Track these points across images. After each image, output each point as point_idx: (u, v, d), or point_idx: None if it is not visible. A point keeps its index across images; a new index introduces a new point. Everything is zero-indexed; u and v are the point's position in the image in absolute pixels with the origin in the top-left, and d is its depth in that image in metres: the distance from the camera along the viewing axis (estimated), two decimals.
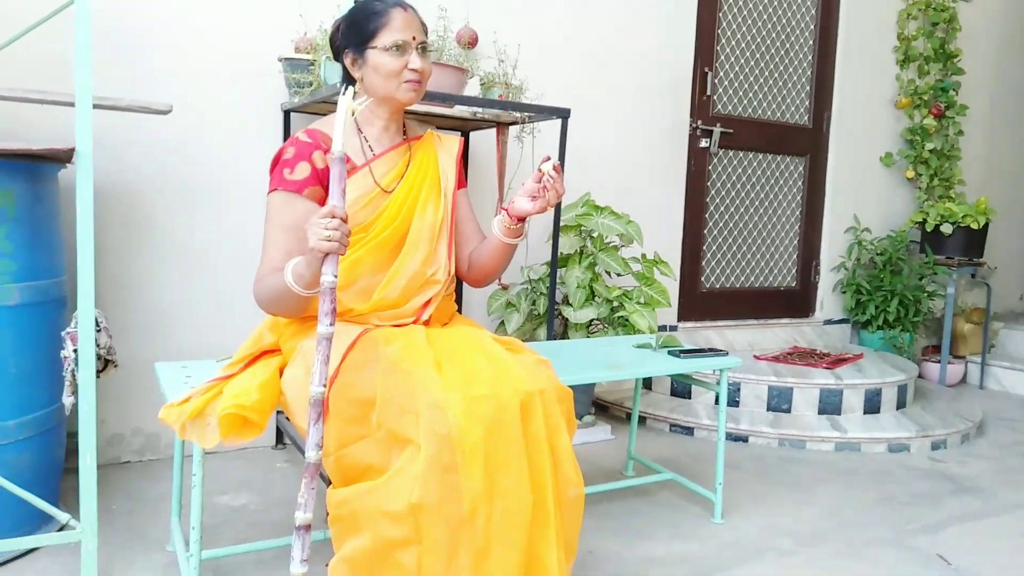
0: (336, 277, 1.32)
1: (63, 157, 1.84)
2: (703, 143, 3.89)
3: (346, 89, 1.34)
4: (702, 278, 4.02)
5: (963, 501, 2.61)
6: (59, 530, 1.97)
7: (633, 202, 3.47)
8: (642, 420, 3.33)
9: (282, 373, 1.64)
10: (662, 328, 3.70)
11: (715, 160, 3.98)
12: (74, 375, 1.80)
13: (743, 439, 3.16)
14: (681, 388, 3.48)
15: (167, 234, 2.63)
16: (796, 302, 4.40)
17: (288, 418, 1.61)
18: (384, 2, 1.61)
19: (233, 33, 2.67)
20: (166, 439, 2.66)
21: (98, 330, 1.93)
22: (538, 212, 1.59)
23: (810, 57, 4.25)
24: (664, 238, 3.75)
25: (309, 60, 2.54)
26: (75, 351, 1.77)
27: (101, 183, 2.48)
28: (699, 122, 3.86)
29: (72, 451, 2.02)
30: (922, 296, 4.28)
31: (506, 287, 3.14)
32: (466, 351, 1.53)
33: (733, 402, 3.34)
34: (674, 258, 3.82)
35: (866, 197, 4.52)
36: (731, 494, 2.51)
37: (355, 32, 1.61)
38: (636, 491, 2.54)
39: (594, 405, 3.30)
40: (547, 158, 1.57)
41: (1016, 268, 5.39)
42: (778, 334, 4.17)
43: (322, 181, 1.59)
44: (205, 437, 1.56)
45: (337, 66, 2.38)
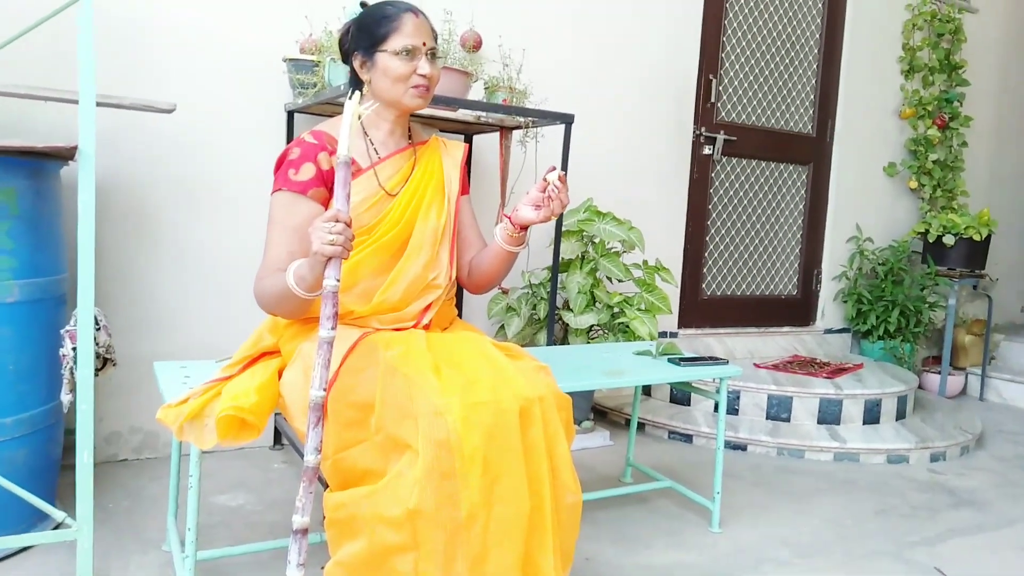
0: (339, 281, 1.31)
1: (66, 155, 1.83)
2: (706, 150, 3.89)
3: (352, 93, 1.34)
4: (703, 285, 4.02)
5: (962, 514, 2.60)
6: (55, 528, 1.96)
7: (635, 208, 3.47)
8: (641, 427, 3.32)
9: (281, 375, 1.63)
10: (663, 334, 3.70)
11: (718, 167, 3.98)
12: (72, 373, 1.79)
13: (742, 448, 3.15)
14: (680, 395, 3.47)
15: (168, 233, 2.63)
16: (797, 311, 4.39)
17: (287, 420, 1.61)
18: (396, 6, 1.62)
19: (238, 33, 2.67)
20: (164, 437, 2.65)
21: (97, 328, 1.93)
22: (542, 221, 1.59)
23: (815, 66, 4.25)
24: (666, 244, 3.75)
25: (314, 61, 2.54)
26: (74, 349, 1.77)
27: (103, 181, 2.48)
28: (703, 129, 3.86)
29: (69, 448, 2.02)
30: (923, 307, 4.28)
31: (507, 291, 3.13)
32: (466, 357, 1.53)
33: (732, 410, 3.33)
34: (675, 265, 3.82)
35: (868, 207, 4.52)
36: (729, 503, 2.50)
37: (366, 35, 1.61)
38: (634, 498, 2.53)
39: (593, 411, 3.29)
40: (552, 168, 1.57)
41: (1017, 280, 5.39)
42: (778, 342, 4.17)
43: (327, 183, 1.58)
44: (203, 438, 1.55)
45: (341, 68, 2.39)
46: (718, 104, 3.92)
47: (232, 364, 1.69)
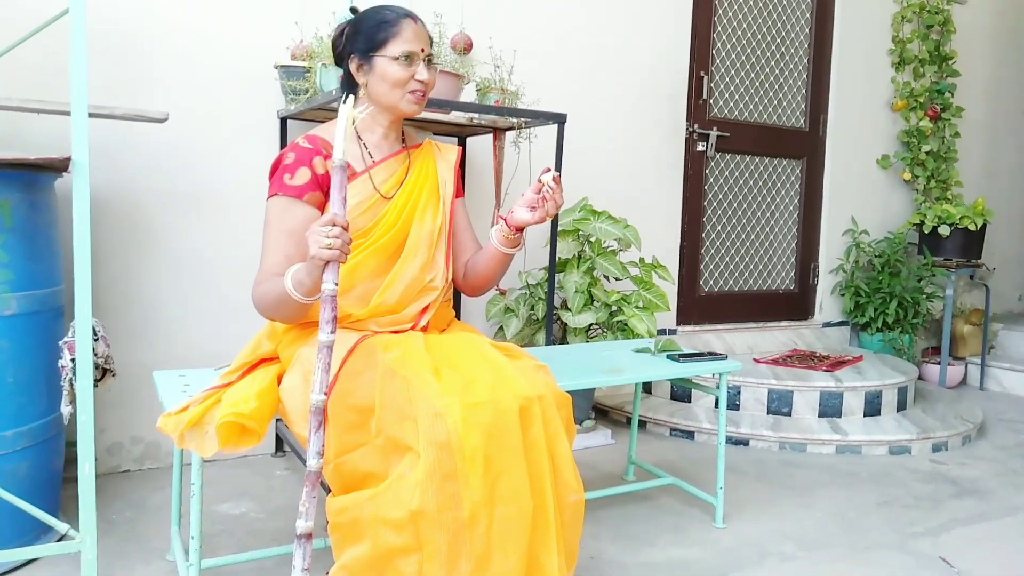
0: (337, 285, 1.32)
1: (59, 166, 1.84)
2: (700, 147, 3.90)
3: (346, 98, 1.34)
4: (700, 281, 4.02)
5: (965, 503, 2.60)
6: (58, 540, 1.96)
7: (631, 206, 3.48)
8: (642, 424, 3.32)
9: (280, 381, 1.63)
10: (661, 332, 3.70)
11: (712, 164, 3.99)
12: (72, 384, 1.79)
13: (744, 443, 3.15)
14: (681, 392, 3.47)
15: (164, 242, 2.63)
16: (795, 305, 4.40)
17: (287, 426, 1.61)
18: (395, 11, 1.63)
19: (229, 41, 2.67)
20: (166, 447, 2.65)
21: (96, 339, 1.93)
22: (537, 222, 1.60)
23: (806, 60, 4.26)
24: (662, 242, 3.75)
25: (305, 67, 2.54)
26: (73, 360, 1.77)
27: (98, 192, 2.48)
28: (696, 126, 3.87)
29: (71, 460, 2.01)
30: (921, 298, 4.28)
31: (504, 292, 3.14)
32: (465, 357, 1.53)
33: (733, 406, 3.33)
34: (672, 262, 3.82)
35: (863, 199, 4.52)
36: (732, 498, 2.51)
37: (364, 39, 1.62)
38: (637, 496, 2.53)
39: (594, 410, 3.29)
40: (547, 169, 1.59)
41: (1014, 269, 5.40)
42: (777, 337, 4.17)
43: (322, 187, 1.59)
44: (203, 446, 1.55)
45: (333, 73, 2.39)
46: (710, 101, 3.92)
47: (231, 371, 1.69)
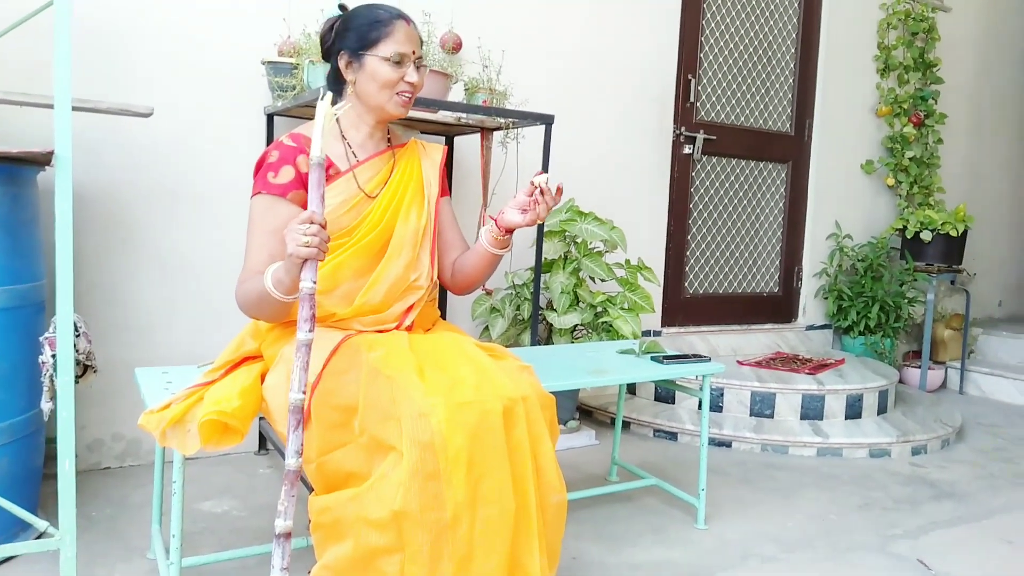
0: (315, 283, 1.31)
1: (42, 160, 1.82)
2: (686, 149, 3.91)
3: (324, 94, 1.34)
4: (686, 283, 4.04)
5: (943, 506, 2.63)
6: (37, 538, 1.93)
7: (617, 208, 3.49)
8: (626, 425, 3.34)
9: (264, 379, 1.63)
10: (646, 333, 3.72)
11: (698, 166, 4.01)
12: (53, 380, 1.77)
13: (726, 444, 3.17)
14: (665, 393, 3.49)
15: (148, 238, 2.61)
16: (779, 308, 4.43)
17: (270, 424, 1.60)
18: (388, 11, 1.62)
19: (216, 36, 2.66)
20: (147, 444, 2.63)
21: (77, 335, 1.91)
22: (527, 225, 1.60)
23: (792, 65, 4.29)
24: (648, 244, 3.77)
25: (292, 64, 2.53)
26: (54, 356, 1.75)
27: (81, 186, 2.45)
28: (683, 129, 3.89)
29: (51, 457, 1.99)
30: (902, 302, 4.33)
31: (490, 292, 3.14)
32: (449, 357, 1.53)
33: (716, 407, 3.35)
34: (658, 264, 3.84)
35: (847, 204, 4.56)
36: (714, 499, 2.52)
37: (355, 36, 1.61)
38: (620, 497, 2.54)
39: (578, 410, 3.30)
40: (540, 171, 1.58)
41: (994, 274, 5.46)
42: (761, 339, 4.20)
43: (306, 185, 1.58)
44: (185, 444, 1.54)
45: (320, 70, 2.39)
46: (697, 104, 3.94)
47: (214, 369, 1.68)
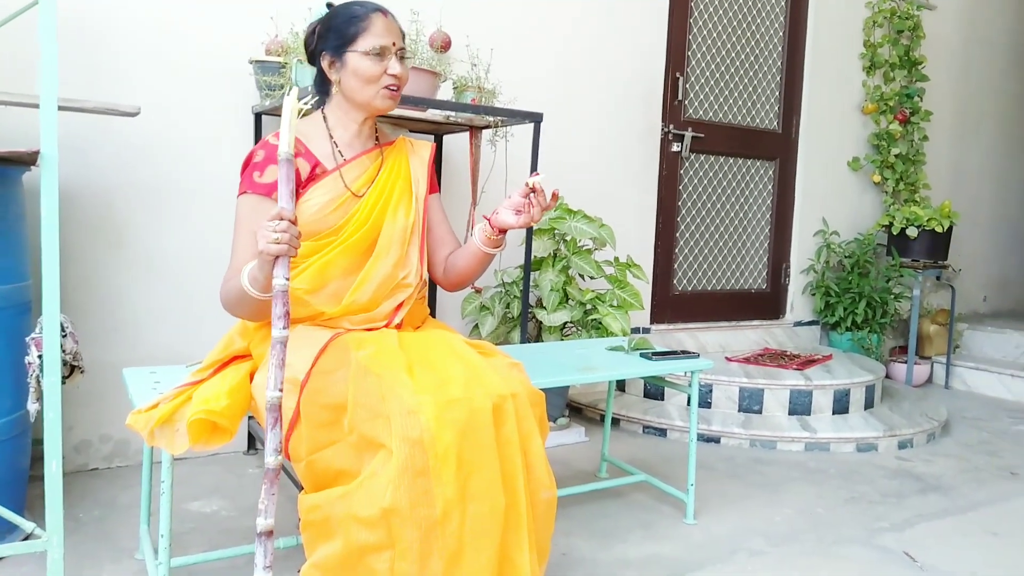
0: (288, 280, 1.31)
1: (27, 160, 1.81)
2: (675, 147, 3.93)
3: (290, 90, 1.34)
4: (674, 281, 4.06)
5: (929, 499, 2.65)
6: (24, 539, 1.92)
7: (606, 206, 3.50)
8: (615, 422, 3.35)
9: (252, 378, 1.62)
10: (635, 330, 3.73)
11: (687, 164, 4.02)
12: (39, 381, 1.76)
13: (715, 440, 3.19)
14: (654, 390, 3.50)
15: (135, 238, 2.60)
16: (767, 304, 4.45)
17: (259, 423, 1.60)
18: (364, 6, 1.62)
19: (203, 35, 2.64)
20: (135, 445, 2.62)
21: (64, 335, 1.90)
22: (521, 227, 1.58)
23: (779, 63, 4.31)
24: (637, 241, 3.78)
25: (280, 63, 2.52)
26: (40, 357, 1.74)
27: (67, 186, 2.44)
28: (671, 126, 3.90)
29: (38, 458, 1.98)
30: (889, 298, 4.36)
31: (480, 290, 3.14)
32: (438, 355, 1.53)
33: (705, 403, 3.37)
34: (647, 261, 3.85)
35: (834, 201, 4.59)
36: (703, 495, 2.53)
37: (335, 35, 1.61)
38: (609, 493, 2.55)
39: (568, 407, 3.31)
40: (536, 172, 1.57)
41: (979, 270, 5.51)
42: (749, 336, 4.22)
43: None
44: (174, 443, 1.54)
45: (308, 69, 2.38)
46: (685, 102, 3.96)
47: (203, 368, 1.68)
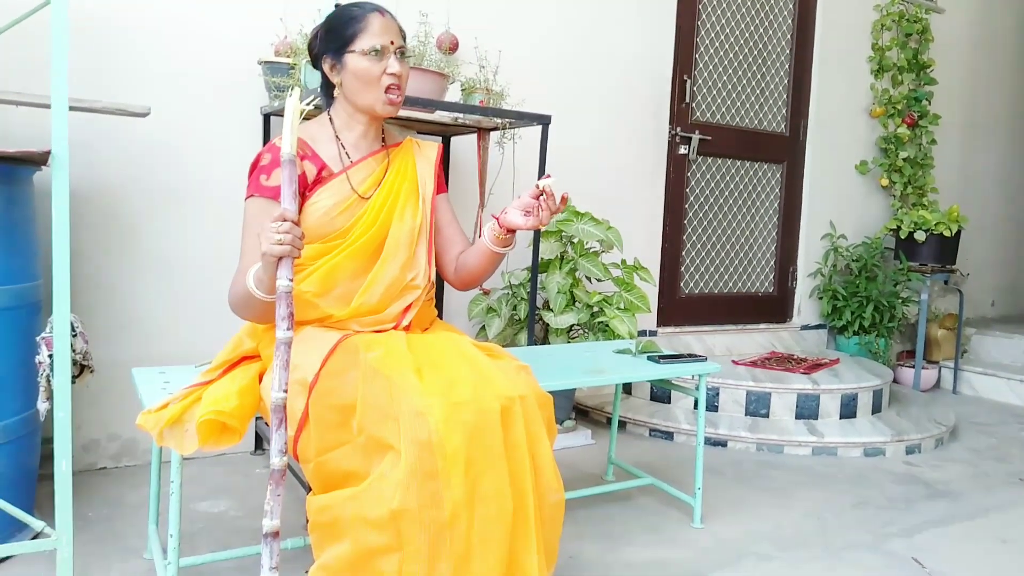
0: (291, 281, 1.31)
1: (38, 160, 1.81)
2: (682, 150, 3.92)
3: (292, 90, 1.34)
4: (681, 283, 4.05)
5: (937, 505, 2.64)
6: (33, 538, 1.93)
7: (613, 208, 3.49)
8: (622, 425, 3.34)
9: (261, 379, 1.63)
10: (642, 333, 3.72)
11: (694, 167, 4.02)
12: (49, 380, 1.77)
13: (722, 444, 3.18)
14: (661, 393, 3.50)
15: (145, 238, 2.60)
16: (774, 307, 4.44)
17: (268, 424, 1.60)
18: (362, 7, 1.62)
19: (213, 36, 2.65)
20: (144, 445, 2.63)
21: (74, 335, 1.91)
22: (529, 229, 1.57)
23: (787, 66, 4.30)
24: (644, 244, 3.78)
25: (289, 64, 2.53)
26: (50, 356, 1.75)
27: (78, 186, 2.45)
28: (678, 129, 3.89)
29: (47, 457, 1.99)
30: (896, 302, 4.34)
31: (487, 292, 3.14)
32: (447, 357, 1.53)
33: (712, 407, 3.36)
34: (654, 264, 3.85)
35: (842, 204, 4.58)
36: (710, 499, 2.53)
37: (333, 37, 1.62)
38: (616, 496, 2.54)
39: (575, 410, 3.30)
40: (547, 175, 1.55)
41: (987, 274, 5.49)
42: (756, 339, 4.21)
43: (299, 187, 1.58)
44: (183, 444, 1.54)
45: (317, 70, 2.39)
46: (693, 104, 3.95)
47: (212, 369, 1.68)
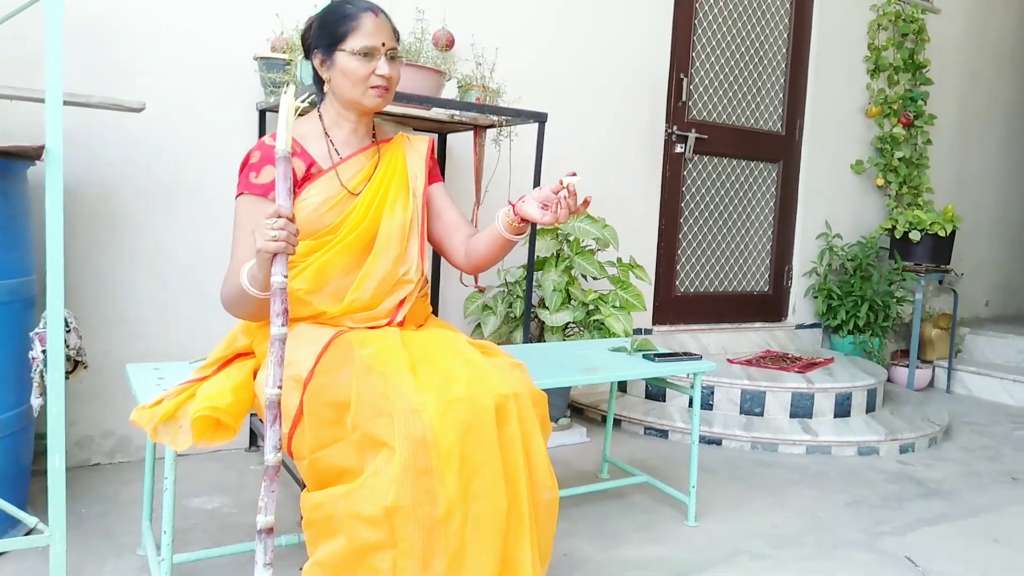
0: (286, 277, 1.31)
1: (33, 155, 1.81)
2: (678, 148, 3.93)
3: (287, 87, 1.34)
4: (677, 282, 4.06)
5: (930, 504, 2.65)
6: (27, 534, 1.93)
7: (609, 206, 3.49)
8: (617, 423, 3.35)
9: (256, 376, 1.62)
10: (637, 331, 3.73)
11: (690, 165, 4.02)
12: (43, 376, 1.77)
13: (716, 442, 3.18)
14: (656, 391, 3.50)
15: (139, 234, 2.60)
16: (769, 306, 4.45)
17: (262, 421, 1.60)
18: (356, 5, 1.61)
19: (209, 31, 2.65)
20: (137, 441, 2.62)
21: (68, 330, 1.91)
22: (545, 224, 1.51)
23: (783, 65, 4.31)
24: (639, 242, 3.78)
25: (285, 60, 2.52)
26: (44, 352, 1.75)
27: (72, 181, 2.44)
28: (674, 128, 3.90)
29: (41, 453, 1.99)
30: (891, 301, 4.35)
31: (483, 290, 3.14)
32: (441, 354, 1.53)
33: (707, 405, 3.37)
34: (649, 262, 3.85)
35: (837, 204, 4.59)
36: (704, 497, 2.53)
37: (325, 33, 1.61)
38: (611, 494, 2.55)
39: (570, 408, 3.31)
40: (573, 173, 1.49)
41: (982, 274, 5.50)
42: (751, 338, 4.22)
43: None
44: (177, 440, 1.54)
45: (309, 61, 2.38)
46: (689, 103, 3.96)
47: (206, 365, 1.68)
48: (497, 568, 1.36)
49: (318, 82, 1.68)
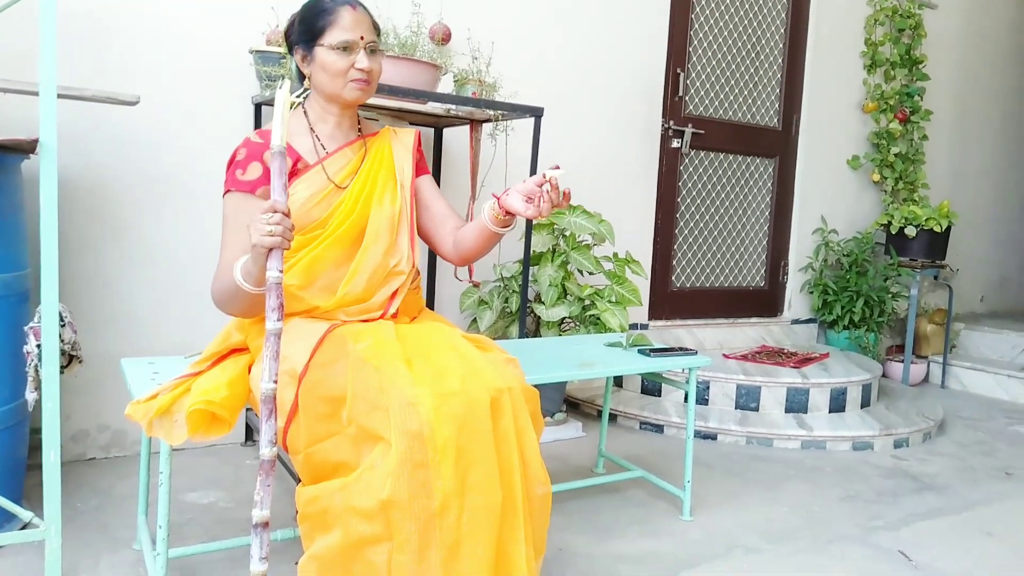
0: (282, 272, 1.31)
1: (26, 148, 1.80)
2: (675, 143, 3.92)
3: (282, 83, 1.33)
4: (673, 277, 4.06)
5: (925, 498, 2.66)
6: (22, 528, 1.93)
7: (605, 201, 3.49)
8: (613, 418, 3.35)
9: (251, 370, 1.62)
10: (633, 326, 3.73)
11: (686, 160, 4.02)
12: (37, 370, 1.76)
13: (712, 437, 3.19)
14: (651, 386, 3.51)
15: (134, 227, 2.59)
16: (765, 302, 4.46)
17: (257, 415, 1.60)
18: (334, 0, 1.61)
19: (204, 24, 2.63)
20: (133, 435, 2.62)
21: (62, 325, 1.90)
22: (528, 217, 1.52)
23: (780, 60, 4.31)
24: (636, 237, 3.78)
25: (280, 53, 2.51)
26: (38, 346, 1.74)
27: (66, 175, 2.43)
28: (671, 122, 3.89)
29: (36, 448, 1.99)
30: (886, 297, 4.36)
31: (478, 284, 3.14)
32: (436, 348, 1.53)
33: (702, 400, 3.37)
34: (645, 257, 3.85)
35: (833, 199, 4.60)
36: (700, 491, 2.54)
37: (305, 29, 1.61)
38: (606, 488, 2.55)
39: (565, 403, 3.31)
40: (556, 166, 1.50)
41: (977, 270, 5.52)
42: (747, 333, 4.23)
43: None
44: (172, 434, 1.54)
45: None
46: (686, 98, 3.95)
47: (201, 360, 1.68)
48: (492, 561, 1.36)
49: (301, 78, 1.68)
